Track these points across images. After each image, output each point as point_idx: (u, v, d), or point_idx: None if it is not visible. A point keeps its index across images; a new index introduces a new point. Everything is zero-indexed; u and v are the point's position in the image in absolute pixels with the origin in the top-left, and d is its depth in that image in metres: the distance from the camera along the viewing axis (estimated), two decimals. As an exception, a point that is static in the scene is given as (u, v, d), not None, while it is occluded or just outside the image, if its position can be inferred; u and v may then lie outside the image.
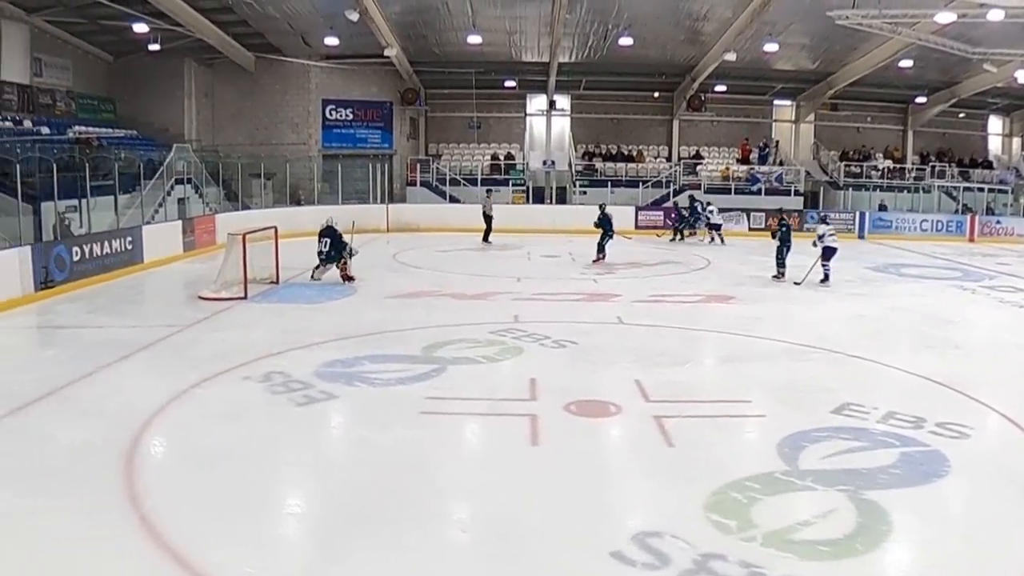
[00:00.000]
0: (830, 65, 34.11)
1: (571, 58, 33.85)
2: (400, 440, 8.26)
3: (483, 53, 32.75)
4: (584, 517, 6.50)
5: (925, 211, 34.32)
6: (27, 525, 6.30)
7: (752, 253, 25.28)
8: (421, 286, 17.73)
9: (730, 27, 28.82)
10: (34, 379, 10.18)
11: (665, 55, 33.29)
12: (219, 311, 15.11)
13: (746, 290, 18.18)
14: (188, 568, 5.62)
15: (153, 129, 32.29)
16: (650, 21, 29.05)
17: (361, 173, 33.31)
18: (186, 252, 22.98)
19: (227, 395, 9.85)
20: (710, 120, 38.43)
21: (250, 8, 28.34)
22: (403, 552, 5.95)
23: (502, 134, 38.50)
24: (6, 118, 25.91)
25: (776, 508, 6.65)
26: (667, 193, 34.84)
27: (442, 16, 29.50)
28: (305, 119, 34.91)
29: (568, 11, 27.67)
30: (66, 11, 27.83)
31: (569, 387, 10.04)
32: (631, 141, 38.37)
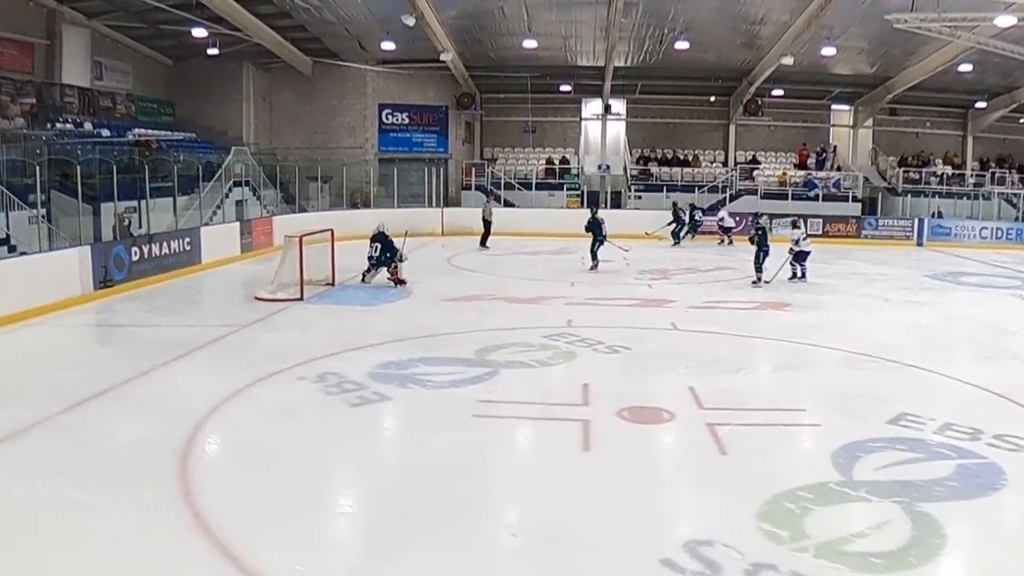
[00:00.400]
0: (888, 69, 33.57)
1: (627, 62, 33.72)
2: (452, 443, 8.30)
3: (538, 57, 32.75)
4: (635, 524, 6.47)
5: (985, 218, 33.56)
6: (82, 519, 6.44)
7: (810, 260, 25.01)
8: (474, 290, 17.79)
9: (787, 31, 28.51)
10: (92, 376, 10.37)
11: (722, 59, 33.02)
12: (275, 312, 15.28)
13: (802, 297, 17.96)
14: (239, 565, 5.71)
15: (212, 132, 32.76)
16: (706, 25, 28.84)
17: (416, 177, 33.48)
18: (243, 253, 23.28)
19: (282, 395, 9.97)
20: (767, 125, 38.06)
21: (308, 13, 28.62)
22: (453, 554, 5.98)
23: (557, 138, 38.47)
24: (68, 120, 26.44)
25: (829, 519, 6.57)
26: (723, 198, 34.57)
27: (498, 21, 29.54)
28: (362, 123, 35.16)
29: (624, 15, 27.55)
30: (126, 16, 28.32)
31: (622, 393, 10.01)
32: (687, 145, 38.15)
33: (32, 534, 6.18)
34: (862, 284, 20.31)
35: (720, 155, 38.19)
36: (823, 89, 36.66)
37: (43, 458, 7.77)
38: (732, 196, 34.64)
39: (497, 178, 35.18)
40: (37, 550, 5.95)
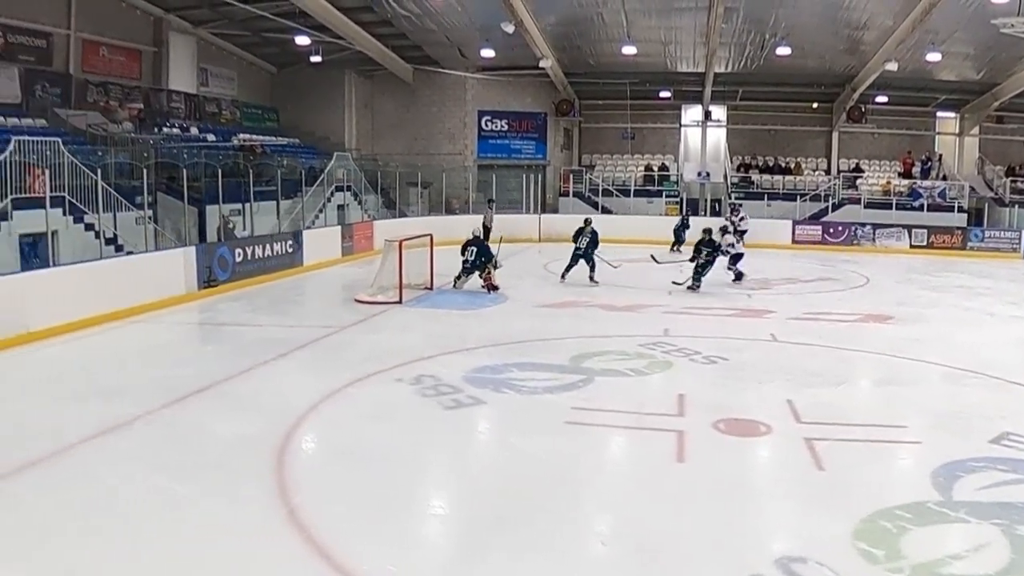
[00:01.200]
0: (995, 75, 32.50)
1: (727, 68, 33.39)
2: (544, 448, 8.33)
3: (637, 64, 32.62)
4: (727, 537, 6.42)
5: (1097, 231, 32.37)
6: (180, 512, 6.67)
7: (912, 272, 24.56)
8: (571, 296, 17.82)
9: (891, 36, 27.85)
10: (194, 373, 10.70)
11: (824, 65, 32.46)
12: (374, 314, 15.54)
13: (906, 310, 17.54)
14: (332, 562, 5.83)
15: (314, 138, 33.46)
16: (808, 30, 28.39)
17: (515, 183, 33.66)
18: (344, 256, 23.70)
19: (379, 396, 10.17)
20: (871, 132, 37.22)
21: (409, 22, 29.04)
22: (542, 559, 6.01)
23: (656, 145, 38.25)
24: (174, 125, 27.31)
25: (927, 539, 6.42)
26: (826, 207, 34.02)
27: (597, 27, 29.56)
28: (461, 130, 35.55)
29: (724, 21, 27.31)
30: (231, 24, 29.16)
31: (718, 404, 9.91)
32: (789, 153, 37.53)
33: (130, 525, 6.43)
34: (966, 297, 19.76)
35: (823, 163, 37.51)
36: (928, 96, 35.70)
37: (144, 451, 8.07)
38: (834, 205, 34.00)
39: (595, 184, 35.17)
40: (135, 541, 6.17)
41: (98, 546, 6.06)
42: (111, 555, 5.96)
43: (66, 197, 17.26)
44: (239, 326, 14.61)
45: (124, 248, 18.02)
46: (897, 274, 24.04)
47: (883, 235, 31.43)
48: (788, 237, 31.66)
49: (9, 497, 6.93)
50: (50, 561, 5.87)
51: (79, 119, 24.02)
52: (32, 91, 23.59)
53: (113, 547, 6.07)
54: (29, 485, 7.18)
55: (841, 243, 31.22)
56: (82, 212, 17.63)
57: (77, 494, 6.96)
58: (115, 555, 5.96)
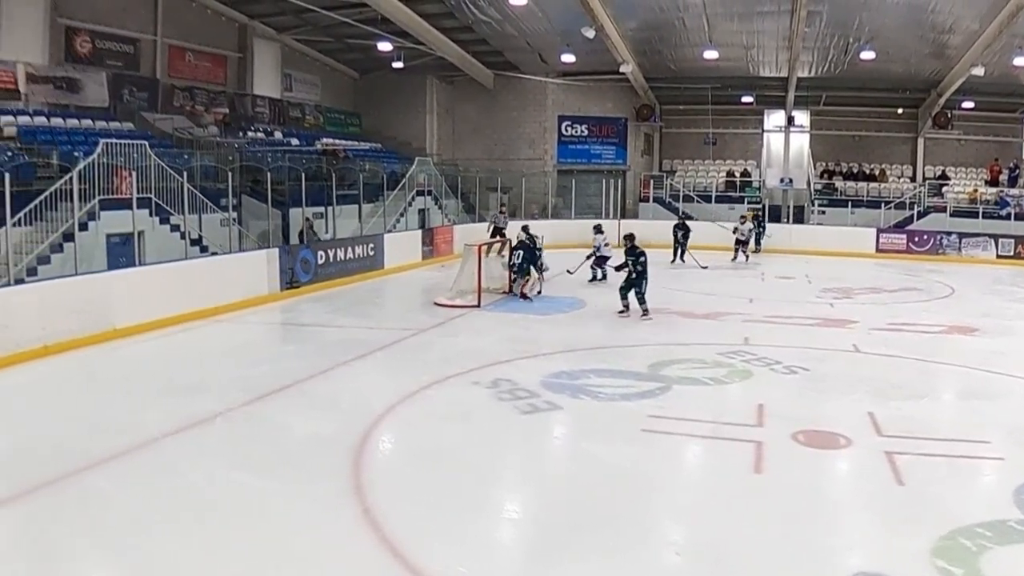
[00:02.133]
0: (1085, 80, 31.74)
1: (810, 72, 32.92)
2: (620, 456, 8.36)
3: (719, 68, 32.32)
4: (803, 551, 6.38)
5: None
6: (258, 505, 6.89)
7: (999, 282, 24.02)
8: (649, 302, 17.75)
9: (977, 40, 27.17)
10: (275, 372, 10.96)
11: (909, 69, 31.78)
12: (453, 317, 15.70)
13: (991, 322, 17.11)
14: (404, 562, 5.94)
15: (396, 142, 33.86)
16: (893, 34, 27.85)
17: (594, 188, 33.67)
18: (424, 260, 23.95)
19: (455, 398, 10.29)
20: (957, 138, 36.35)
21: (489, 27, 29.23)
22: (615, 567, 6.04)
23: (738, 150, 37.90)
24: (259, 129, 27.86)
25: (1007, 559, 6.28)
26: (911, 215, 33.38)
27: (678, 32, 29.37)
28: (541, 135, 35.64)
29: (807, 24, 26.94)
30: (314, 31, 29.67)
31: (798, 415, 9.81)
32: (873, 159, 36.88)
33: (210, 519, 6.65)
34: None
35: (908, 170, 36.76)
36: (1016, 101, 34.68)
37: (225, 446, 8.35)
38: (920, 213, 33.27)
39: (675, 190, 34.96)
40: (214, 534, 6.39)
41: (178, 539, 6.27)
42: (191, 548, 6.16)
43: (152, 199, 17.70)
44: (320, 327, 14.88)
45: (208, 249, 18.44)
46: (983, 285, 23.49)
47: (969, 244, 30.71)
48: (872, 245, 31.12)
49: (94, 490, 7.20)
50: (133, 552, 6.09)
51: (165, 123, 24.66)
52: (120, 95, 24.27)
53: (193, 540, 6.28)
54: (113, 478, 7.46)
55: (926, 252, 30.59)
56: (168, 213, 18.07)
57: (159, 488, 7.21)
58: (194, 548, 6.16)
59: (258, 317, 15.54)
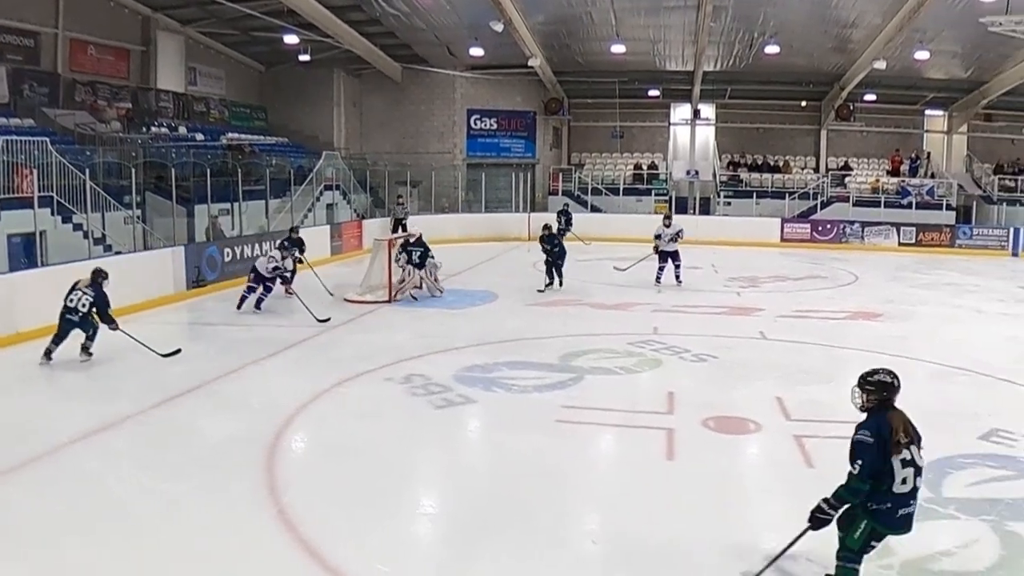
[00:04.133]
0: (983, 74, 32.60)
1: (716, 67, 33.44)
2: (535, 447, 8.35)
3: (627, 62, 32.63)
4: (717, 535, 6.44)
5: (1084, 228, 32.49)
6: (171, 509, 6.69)
7: (901, 269, 24.63)
8: (560, 295, 17.82)
9: (879, 34, 27.89)
10: (185, 373, 10.69)
11: (812, 63, 32.50)
12: (364, 313, 15.54)
13: (894, 307, 17.57)
14: (321, 562, 5.84)
15: (303, 137, 33.39)
16: (797, 28, 28.41)
17: (504, 182, 33.68)
18: (333, 256, 23.66)
19: (368, 395, 10.17)
20: (859, 130, 37.28)
21: (397, 20, 29.00)
22: (532, 559, 6.03)
23: (645, 143, 38.29)
24: (163, 124, 27.20)
25: (916, 536, 6.37)
26: (814, 206, 34.08)
27: (586, 26, 29.53)
28: (450, 128, 35.51)
29: (713, 19, 27.32)
30: (219, 23, 29.09)
31: (707, 402, 9.95)
32: (777, 151, 37.57)
33: (123, 523, 6.45)
34: (955, 295, 19.79)
35: (811, 161, 37.57)
36: (916, 94, 35.80)
37: (136, 450, 8.10)
38: (823, 203, 34.05)
39: (584, 183, 35.16)
40: (127, 539, 6.19)
41: (92, 547, 6.06)
42: (104, 553, 5.96)
43: (54, 197, 17.15)
44: (228, 326, 14.59)
45: (112, 248, 17.94)
46: (886, 272, 24.10)
47: (871, 233, 31.50)
48: (777, 235, 31.71)
49: (2, 498, 6.92)
50: (45, 560, 5.87)
51: (67, 119, 23.90)
52: (20, 91, 23.44)
53: (106, 545, 6.08)
54: (22, 484, 7.19)
55: (829, 241, 31.28)
56: (70, 212, 17.53)
57: (70, 495, 6.95)
58: (108, 555, 5.96)
59: (165, 317, 15.18)
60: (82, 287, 11.48)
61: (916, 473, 5.27)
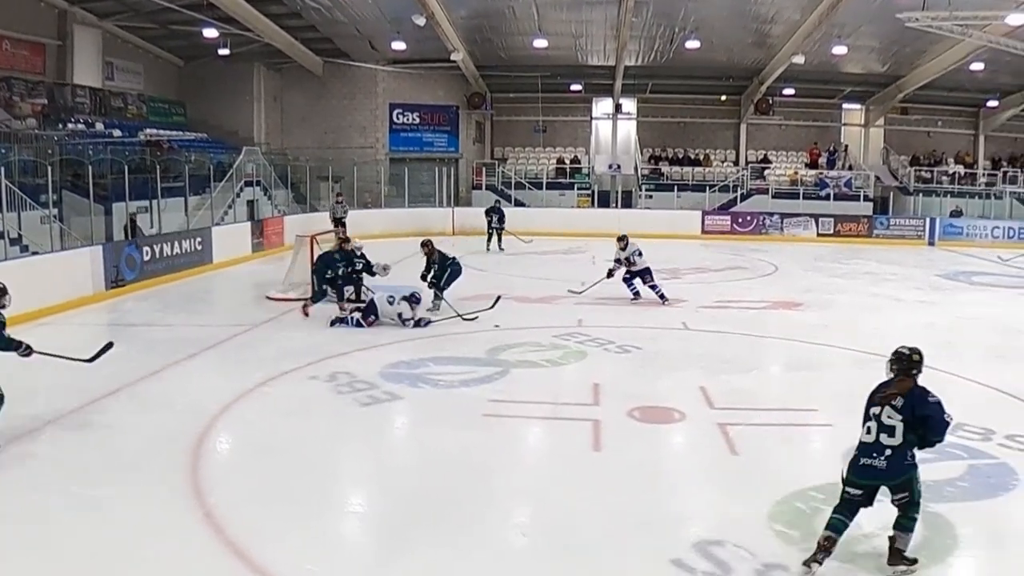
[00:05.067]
0: (900, 68, 33.46)
1: (637, 61, 33.69)
2: (462, 442, 8.32)
3: (549, 57, 32.72)
4: (645, 524, 6.48)
5: (996, 218, 33.38)
6: (95, 515, 6.50)
7: (820, 259, 25.07)
8: (485, 289, 17.74)
9: (798, 29, 28.42)
10: (105, 375, 10.37)
11: (732, 58, 32.97)
12: (286, 311, 15.31)
13: (814, 296, 17.92)
14: (250, 563, 5.74)
15: (223, 132, 32.85)
16: (717, 24, 28.79)
17: (427, 176, 33.54)
18: (254, 253, 23.35)
19: (293, 394, 10.01)
20: (778, 124, 37.95)
21: (318, 14, 28.68)
22: (462, 554, 6.01)
23: (567, 138, 38.44)
24: (79, 121, 26.53)
25: (841, 519, 6.57)
26: (734, 198, 34.58)
27: (508, 20, 29.54)
28: (372, 123, 35.23)
29: (634, 14, 27.52)
30: (137, 16, 28.43)
31: (633, 393, 10.00)
32: (698, 145, 38.10)
33: (45, 529, 6.24)
34: (873, 284, 20.25)
35: (731, 154, 38.11)
36: (834, 88, 36.57)
37: (57, 455, 7.84)
38: (743, 196, 34.62)
39: (507, 178, 35.16)
40: (50, 545, 6.00)
41: (13, 556, 5.86)
42: (26, 562, 5.77)
43: (-33, 197, 16.67)
44: (149, 326, 14.28)
45: (29, 248, 17.42)
46: (805, 262, 24.55)
47: (791, 224, 32.10)
48: (698, 227, 32.16)
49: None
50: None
51: (-20, 116, 23.28)
52: (-69, 87, 22.78)
53: (29, 553, 5.89)
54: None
55: (749, 232, 31.80)
56: (-16, 212, 17.05)
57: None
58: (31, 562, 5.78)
59: (84, 318, 14.79)
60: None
61: (879, 429, 5.85)
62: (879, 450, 5.78)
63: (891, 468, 5.72)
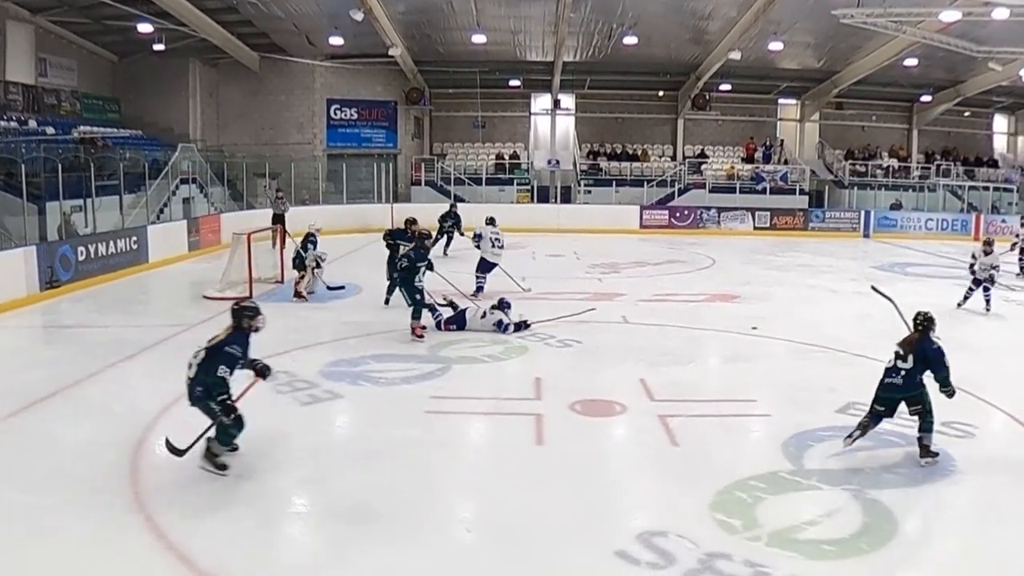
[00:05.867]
0: (835, 64, 34.00)
1: (576, 57, 33.77)
2: (405, 439, 8.27)
3: (487, 52, 32.65)
4: (589, 516, 6.51)
5: (930, 210, 34.17)
6: (34, 522, 6.34)
7: (756, 252, 25.35)
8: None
9: (735, 26, 28.75)
10: (40, 379, 10.19)
11: (670, 54, 33.18)
12: (224, 311, 14.97)
13: (751, 289, 18.15)
14: (193, 566, 5.66)
15: (158, 129, 32.30)
16: (655, 20, 28.97)
17: (366, 172, 33.23)
18: (191, 252, 23.00)
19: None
20: (715, 119, 38.32)
21: (255, 8, 28.30)
22: (407, 550, 5.98)
23: (506, 133, 38.40)
24: (11, 118, 25.92)
25: (781, 507, 6.66)
26: (672, 193, 34.85)
27: (446, 15, 29.43)
28: (310, 119, 34.91)
29: (572, 10, 27.57)
30: (71, 11, 27.84)
31: (574, 386, 10.04)
32: (636, 140, 38.26)
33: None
34: (809, 276, 20.55)
35: (669, 150, 38.37)
36: (770, 84, 37.02)
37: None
38: (681, 190, 34.91)
39: (447, 173, 35.04)
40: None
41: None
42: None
43: (-101, 198, 16.26)
44: (85, 328, 13.98)
45: (-38, 250, 17.08)
46: (742, 255, 24.84)
47: (728, 218, 32.46)
48: (636, 222, 32.34)
49: None
50: None
51: (-91, 114, 22.68)
52: None
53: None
54: None
55: (687, 227, 32.09)
56: (-86, 212, 16.65)
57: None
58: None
59: (18, 320, 14.43)
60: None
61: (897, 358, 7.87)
62: (897, 372, 7.79)
63: (906, 384, 7.75)
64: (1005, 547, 6.13)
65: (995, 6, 22.40)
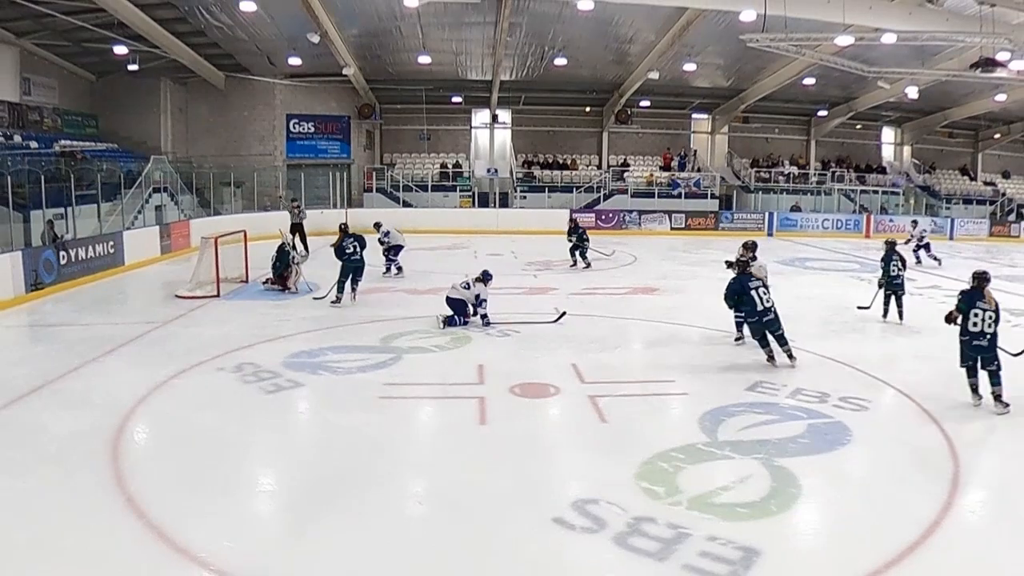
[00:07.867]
0: (742, 82, 34.42)
1: (512, 76, 33.75)
2: (360, 423, 8.22)
3: (432, 72, 32.60)
4: (528, 487, 6.53)
5: (826, 211, 35.00)
6: (22, 506, 6.20)
7: (673, 250, 25.59)
8: (377, 283, 17.61)
9: (653, 49, 28.95)
10: (26, 373, 9.97)
11: (595, 73, 33.33)
12: (194, 308, 14.88)
13: (668, 282, 18.34)
14: (171, 544, 5.57)
15: (132, 142, 31.78)
16: (582, 43, 29.09)
17: (322, 181, 32.95)
18: (163, 255, 22.60)
19: (203, 385, 9.71)
20: (636, 132, 38.56)
21: (221, 32, 27.94)
22: (365, 523, 5.95)
23: (450, 145, 38.25)
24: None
25: (699, 475, 6.73)
26: (598, 197, 35.04)
27: (395, 38, 29.25)
28: (271, 132, 34.52)
29: (509, 34, 27.59)
30: (52, 35, 27.26)
31: (513, 372, 10.06)
32: (566, 151, 38.35)
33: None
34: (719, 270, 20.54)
35: (595, 159, 38.50)
36: (685, 100, 37.35)
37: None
38: (606, 195, 35.09)
39: (396, 181, 34.88)
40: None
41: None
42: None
43: None
44: (67, 326, 13.65)
45: (-50, 256, 16.61)
46: (660, 252, 25.09)
47: (647, 220, 32.82)
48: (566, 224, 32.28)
49: None
50: None
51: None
52: None
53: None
54: None
55: (612, 228, 32.30)
56: (-95, 221, 16.15)
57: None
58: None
59: (5, 321, 14.04)
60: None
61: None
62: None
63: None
64: (897, 507, 6.25)
65: (884, 32, 22.78)
